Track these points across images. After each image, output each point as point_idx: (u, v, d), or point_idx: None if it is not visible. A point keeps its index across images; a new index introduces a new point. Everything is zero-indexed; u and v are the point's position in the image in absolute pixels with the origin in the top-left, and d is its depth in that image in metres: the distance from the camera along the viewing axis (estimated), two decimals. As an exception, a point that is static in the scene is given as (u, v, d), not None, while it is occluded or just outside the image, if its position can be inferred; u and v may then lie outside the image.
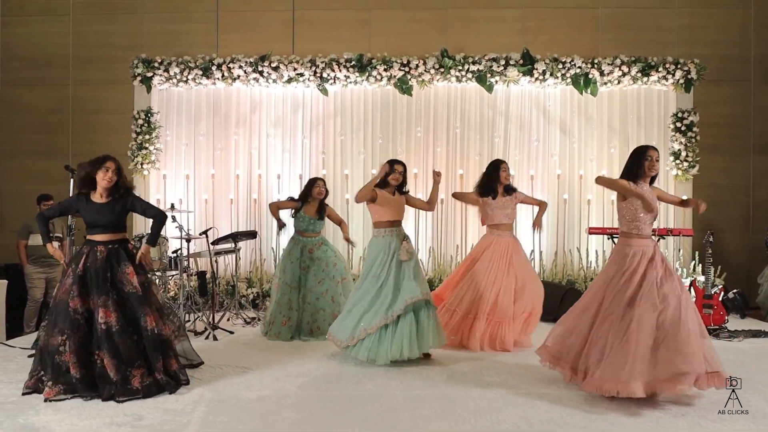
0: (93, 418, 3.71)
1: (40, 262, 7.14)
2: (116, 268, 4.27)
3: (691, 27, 8.42)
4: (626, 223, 4.29)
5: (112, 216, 4.33)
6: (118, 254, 4.31)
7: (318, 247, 6.26)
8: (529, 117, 8.45)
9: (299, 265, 6.16)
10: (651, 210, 4.24)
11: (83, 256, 4.27)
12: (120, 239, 4.39)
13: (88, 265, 4.24)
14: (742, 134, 8.42)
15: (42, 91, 8.57)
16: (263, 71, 8.14)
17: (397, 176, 5.26)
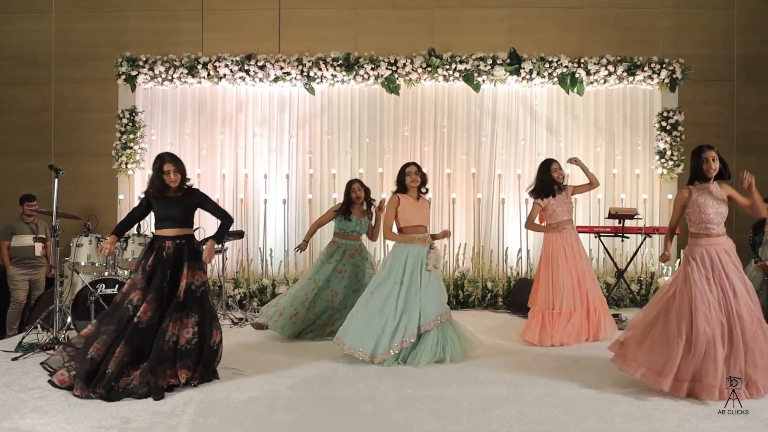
0: (80, 421, 3.65)
1: (24, 264, 7.03)
2: (179, 265, 4.39)
3: (676, 27, 8.49)
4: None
5: (180, 211, 4.49)
6: (183, 251, 4.44)
7: (358, 253, 6.09)
8: (516, 116, 8.48)
9: (335, 267, 5.99)
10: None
11: (153, 252, 4.40)
12: (187, 234, 4.52)
13: (158, 260, 4.40)
14: (725, 133, 8.50)
15: (24, 89, 8.43)
16: (249, 70, 8.08)
17: (414, 177, 5.15)
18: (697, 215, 4.28)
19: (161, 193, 4.50)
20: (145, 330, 4.24)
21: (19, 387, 4.35)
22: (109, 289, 5.72)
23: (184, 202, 4.54)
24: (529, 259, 8.27)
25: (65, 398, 4.07)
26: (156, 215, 4.55)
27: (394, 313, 4.91)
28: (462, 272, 8.08)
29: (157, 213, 4.53)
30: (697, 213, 4.28)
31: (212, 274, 8.01)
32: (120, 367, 4.12)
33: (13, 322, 7.00)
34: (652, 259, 8.21)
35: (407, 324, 4.91)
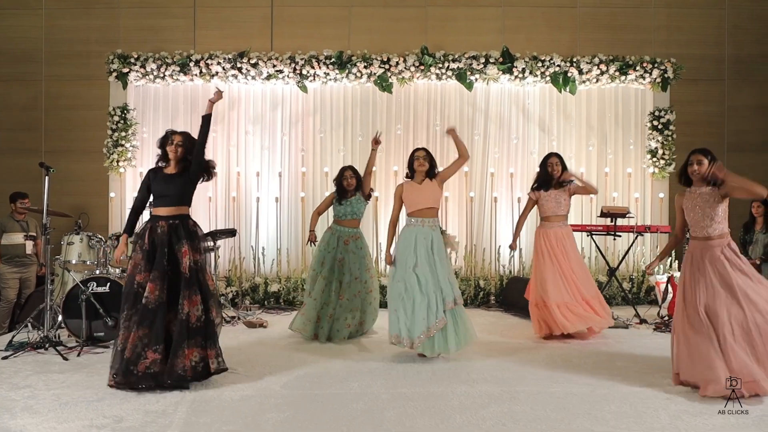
0: (72, 420, 3.63)
1: (14, 262, 6.97)
2: (175, 244, 4.33)
3: (667, 27, 8.53)
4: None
5: (176, 187, 4.41)
6: (177, 230, 4.37)
7: (353, 240, 6.01)
8: (509, 115, 8.49)
9: (334, 255, 5.94)
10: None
11: (147, 232, 4.36)
12: (182, 214, 4.44)
13: (154, 239, 4.34)
14: (716, 132, 8.56)
15: (14, 86, 8.37)
16: (242, 68, 8.05)
17: (421, 162, 5.16)
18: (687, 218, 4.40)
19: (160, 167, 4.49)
20: (155, 309, 4.18)
21: (10, 386, 4.32)
22: (100, 287, 5.68)
23: (182, 177, 4.45)
24: (521, 257, 8.30)
25: (56, 398, 4.05)
26: (153, 193, 4.49)
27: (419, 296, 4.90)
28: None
29: (154, 191, 4.47)
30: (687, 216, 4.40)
31: (204, 273, 7.98)
32: (137, 350, 4.12)
33: (3, 320, 6.94)
34: (644, 258, 8.25)
35: (434, 304, 4.91)
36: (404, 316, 4.91)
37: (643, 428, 3.53)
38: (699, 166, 4.28)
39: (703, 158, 4.29)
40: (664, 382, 4.36)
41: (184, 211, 4.48)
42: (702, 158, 4.29)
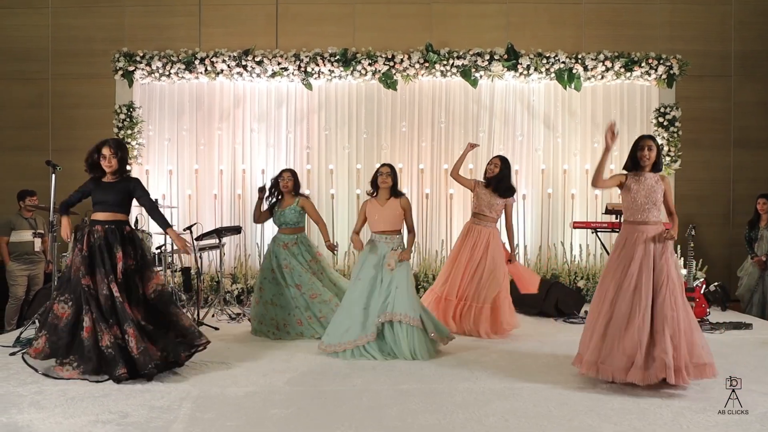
0: (78, 416, 3.67)
1: (23, 259, 7.03)
2: (119, 247, 4.52)
3: (672, 23, 8.50)
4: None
5: (114, 196, 4.61)
6: (114, 234, 4.56)
7: (294, 245, 5.99)
8: (514, 112, 8.49)
9: (279, 264, 5.92)
10: None
11: (85, 236, 4.55)
12: (118, 220, 4.62)
13: (92, 243, 4.52)
14: (722, 129, 8.53)
15: (21, 85, 8.43)
16: (247, 65, 8.08)
17: (384, 178, 5.20)
18: (628, 202, 4.42)
19: (95, 174, 4.67)
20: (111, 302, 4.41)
21: (17, 382, 4.36)
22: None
23: (117, 187, 4.65)
24: (526, 254, 8.30)
25: (62, 393, 4.09)
26: (93, 200, 4.68)
27: (356, 308, 5.06)
28: None
29: (93, 198, 4.66)
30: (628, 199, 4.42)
31: (210, 270, 8.04)
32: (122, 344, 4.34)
33: (12, 317, 7.01)
34: (649, 255, 8.22)
35: (364, 321, 5.01)
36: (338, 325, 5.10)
37: (646, 424, 3.54)
38: (650, 151, 4.37)
39: (653, 144, 4.39)
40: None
41: (121, 217, 4.68)
42: (653, 144, 4.39)
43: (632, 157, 4.45)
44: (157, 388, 4.22)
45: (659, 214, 4.40)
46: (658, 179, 4.42)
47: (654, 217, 4.37)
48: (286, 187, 5.99)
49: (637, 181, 4.40)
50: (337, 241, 6.55)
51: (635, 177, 4.42)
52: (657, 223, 4.38)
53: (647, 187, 4.37)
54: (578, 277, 8.05)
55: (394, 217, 5.21)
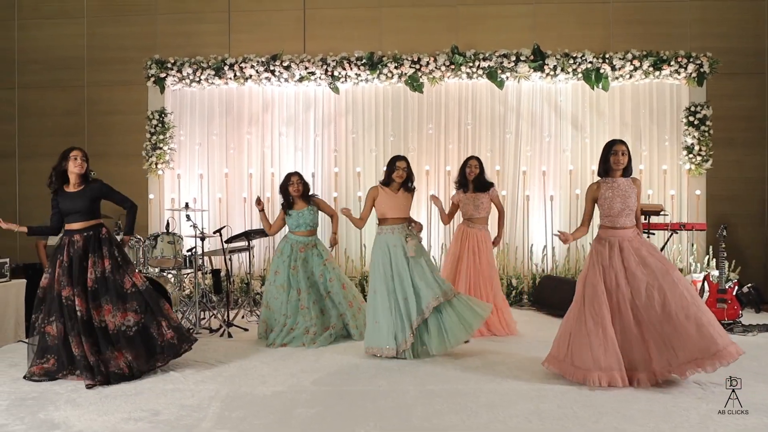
0: (111, 413, 3.79)
1: (59, 262, 7.23)
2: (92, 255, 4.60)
3: (702, 20, 8.36)
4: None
5: (85, 203, 4.68)
6: (91, 242, 4.66)
7: (307, 248, 6.04)
8: (541, 113, 8.45)
9: (289, 264, 5.96)
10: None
11: (64, 247, 4.62)
12: (94, 225, 4.74)
13: (72, 254, 4.61)
14: (756, 127, 8.35)
15: (57, 93, 8.69)
16: (275, 70, 8.20)
17: (400, 173, 5.29)
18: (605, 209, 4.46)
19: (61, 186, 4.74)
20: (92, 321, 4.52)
21: (54, 380, 4.51)
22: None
23: (85, 194, 4.70)
24: (554, 256, 8.25)
25: (97, 391, 4.23)
26: (63, 211, 4.72)
27: (396, 304, 5.09)
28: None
29: (63, 209, 4.71)
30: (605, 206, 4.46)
31: (239, 271, 8.17)
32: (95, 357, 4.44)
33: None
34: (680, 256, 8.12)
35: (410, 309, 5.07)
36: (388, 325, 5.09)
37: (672, 427, 3.51)
38: (623, 156, 4.39)
39: (626, 148, 4.43)
40: (696, 380, 4.31)
41: (95, 222, 4.77)
42: (625, 149, 4.42)
43: (604, 161, 4.47)
44: (188, 387, 4.34)
45: (633, 219, 4.47)
46: (631, 183, 4.45)
47: (630, 222, 4.43)
48: (297, 192, 6.04)
49: (610, 187, 4.44)
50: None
51: (608, 184, 4.46)
52: (633, 227, 4.45)
53: (622, 192, 4.41)
54: (607, 278, 7.96)
55: (404, 206, 5.34)
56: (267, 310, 6.00)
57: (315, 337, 5.67)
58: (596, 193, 4.51)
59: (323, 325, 5.82)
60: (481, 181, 6.19)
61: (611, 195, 4.41)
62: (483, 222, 6.21)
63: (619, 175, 4.45)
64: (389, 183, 5.33)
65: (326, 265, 6.00)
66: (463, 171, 6.25)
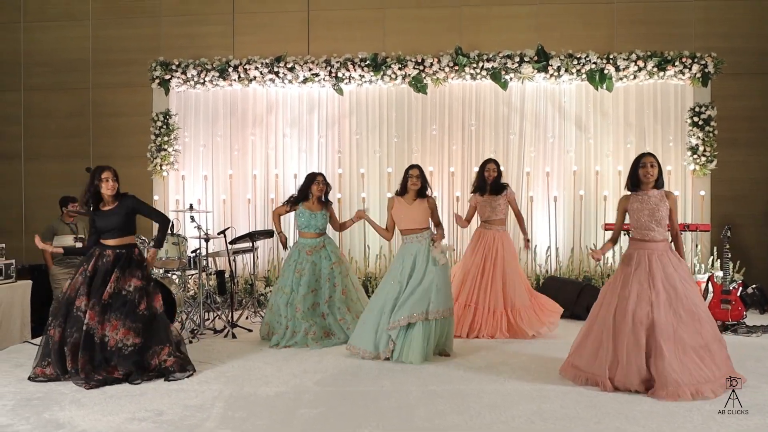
0: (116, 413, 3.81)
1: (65, 263, 7.27)
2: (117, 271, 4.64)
3: (707, 20, 8.34)
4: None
5: (120, 219, 4.73)
6: (121, 260, 4.70)
7: (316, 251, 5.95)
8: (545, 113, 8.44)
9: (294, 268, 5.90)
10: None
11: (93, 258, 4.67)
12: (128, 244, 4.80)
13: (98, 267, 4.62)
14: (760, 127, 8.32)
15: (62, 95, 8.74)
16: (279, 72, 8.22)
17: (414, 181, 5.30)
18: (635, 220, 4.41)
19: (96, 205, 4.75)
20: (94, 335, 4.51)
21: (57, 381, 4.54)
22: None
23: (120, 211, 4.75)
24: (558, 257, 8.25)
25: (101, 392, 4.25)
26: (99, 229, 4.76)
27: (390, 309, 5.08)
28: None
29: (99, 227, 4.75)
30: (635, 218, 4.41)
31: (243, 273, 8.19)
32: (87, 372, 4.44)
33: (55, 319, 7.24)
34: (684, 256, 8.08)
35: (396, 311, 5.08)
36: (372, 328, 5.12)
37: (674, 428, 3.51)
38: (652, 168, 4.35)
39: (655, 161, 4.39)
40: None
41: (130, 241, 4.83)
42: (654, 161, 4.38)
43: (633, 175, 4.44)
44: (192, 387, 4.36)
45: (665, 232, 4.39)
46: (663, 196, 4.39)
47: (660, 235, 4.35)
48: (320, 191, 6.01)
49: (640, 200, 4.39)
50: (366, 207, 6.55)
51: (638, 197, 4.42)
52: (663, 241, 4.37)
53: (651, 205, 4.35)
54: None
55: (420, 216, 5.30)
56: (270, 313, 6.00)
57: (316, 338, 5.67)
58: (626, 204, 4.47)
59: (323, 329, 5.80)
60: (498, 183, 6.26)
61: (639, 207, 4.36)
62: (500, 223, 6.26)
63: (651, 187, 4.39)
64: (404, 193, 5.37)
65: (333, 268, 5.92)
66: (482, 174, 6.31)
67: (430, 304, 5.03)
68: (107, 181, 4.70)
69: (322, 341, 5.68)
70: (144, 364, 4.59)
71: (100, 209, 4.77)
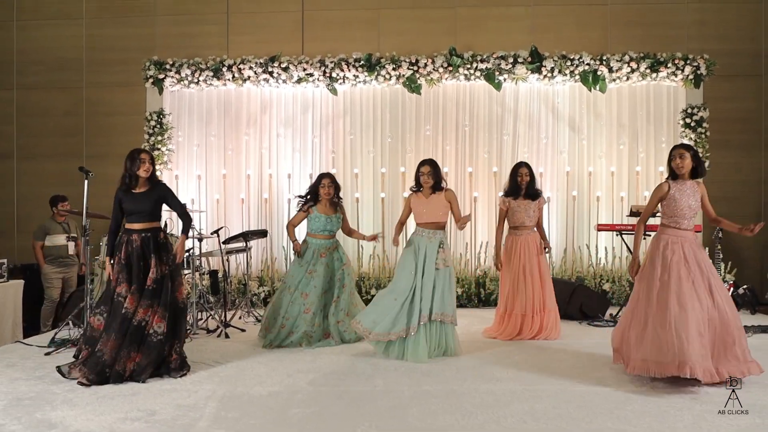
0: (108, 413, 3.80)
1: (58, 262, 7.26)
2: (147, 257, 4.70)
3: (700, 22, 8.39)
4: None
5: (150, 204, 4.78)
6: (149, 243, 4.73)
7: (329, 252, 5.91)
8: (538, 114, 8.47)
9: (307, 269, 5.81)
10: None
11: (123, 245, 4.74)
12: (154, 227, 4.82)
13: (129, 252, 4.72)
14: (753, 129, 8.38)
15: (57, 94, 8.71)
16: (273, 72, 8.22)
17: (426, 179, 5.30)
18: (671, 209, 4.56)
19: (130, 187, 4.79)
20: (131, 319, 4.56)
21: (51, 380, 4.54)
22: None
23: (150, 196, 4.81)
24: (551, 257, 8.26)
25: (94, 392, 4.24)
26: (126, 210, 4.81)
27: (403, 299, 5.08)
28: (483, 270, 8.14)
29: (126, 208, 4.79)
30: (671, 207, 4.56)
31: (237, 273, 8.18)
32: (113, 356, 4.47)
33: (47, 318, 7.23)
34: (677, 257, 8.14)
35: (413, 313, 5.07)
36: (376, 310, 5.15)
37: (665, 427, 3.53)
38: (682, 159, 4.50)
39: (685, 152, 4.52)
40: (690, 382, 4.33)
41: (155, 225, 4.86)
42: (684, 152, 4.52)
43: (669, 166, 4.62)
44: (185, 387, 4.35)
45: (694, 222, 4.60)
46: (695, 186, 4.56)
47: (691, 224, 4.57)
48: (328, 195, 5.86)
49: (679, 190, 4.53)
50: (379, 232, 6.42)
51: (678, 186, 4.55)
52: (692, 230, 4.57)
53: (687, 195, 4.51)
54: (603, 279, 8.00)
55: (439, 210, 5.30)
56: (272, 308, 5.88)
57: (312, 341, 5.65)
58: (665, 192, 4.56)
59: (323, 331, 5.76)
60: (534, 188, 6.17)
61: (679, 197, 4.51)
62: (530, 229, 6.14)
63: (688, 177, 4.56)
64: (419, 189, 5.41)
65: (344, 270, 5.88)
66: (515, 178, 6.13)
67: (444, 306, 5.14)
68: (144, 162, 4.77)
69: (318, 343, 5.66)
70: (164, 355, 4.62)
71: (132, 191, 4.80)
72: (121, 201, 4.79)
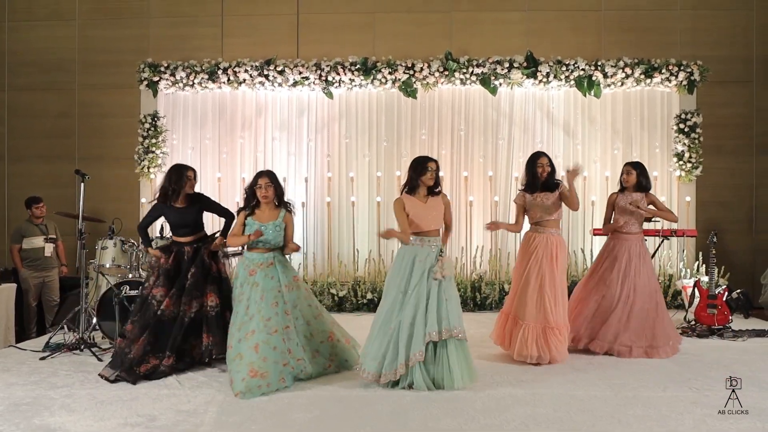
0: (107, 419, 3.77)
1: (35, 266, 7.14)
2: (198, 264, 4.96)
3: (693, 29, 8.46)
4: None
5: (193, 217, 5.08)
6: (200, 252, 5.03)
7: (260, 270, 4.68)
8: (533, 119, 8.50)
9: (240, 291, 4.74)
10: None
11: (172, 254, 4.99)
12: (201, 237, 5.15)
13: (180, 261, 4.97)
14: (745, 135, 8.46)
15: (49, 95, 8.64)
16: (268, 75, 8.19)
17: (431, 176, 4.57)
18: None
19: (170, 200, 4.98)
20: (166, 321, 4.77)
21: (48, 385, 4.49)
22: (133, 290, 5.81)
23: (193, 209, 5.10)
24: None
25: (92, 397, 4.20)
26: (171, 223, 5.07)
27: (398, 326, 4.35)
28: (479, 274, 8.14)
29: (171, 221, 5.05)
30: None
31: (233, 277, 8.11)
32: (142, 354, 4.62)
33: (29, 323, 7.13)
34: (670, 262, 8.19)
35: (413, 338, 4.31)
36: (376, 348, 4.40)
37: (667, 431, 3.55)
38: (628, 175, 5.72)
39: (632, 170, 5.73)
40: (690, 386, 4.36)
41: (202, 234, 5.20)
42: (630, 169, 5.74)
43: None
44: (184, 392, 4.32)
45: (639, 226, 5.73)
46: (643, 196, 5.70)
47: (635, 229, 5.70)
48: (265, 198, 4.77)
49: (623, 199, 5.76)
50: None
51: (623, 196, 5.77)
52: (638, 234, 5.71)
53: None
54: (599, 284, 8.01)
55: (438, 215, 4.58)
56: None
57: None
58: (614, 198, 5.85)
59: None
60: (551, 179, 5.33)
61: (623, 205, 5.75)
62: (554, 225, 5.27)
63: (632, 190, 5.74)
64: (414, 189, 4.60)
65: (281, 292, 4.67)
66: (532, 170, 5.33)
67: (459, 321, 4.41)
68: (191, 180, 5.05)
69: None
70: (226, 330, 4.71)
71: (173, 205, 5.01)
72: (164, 215, 5.07)
